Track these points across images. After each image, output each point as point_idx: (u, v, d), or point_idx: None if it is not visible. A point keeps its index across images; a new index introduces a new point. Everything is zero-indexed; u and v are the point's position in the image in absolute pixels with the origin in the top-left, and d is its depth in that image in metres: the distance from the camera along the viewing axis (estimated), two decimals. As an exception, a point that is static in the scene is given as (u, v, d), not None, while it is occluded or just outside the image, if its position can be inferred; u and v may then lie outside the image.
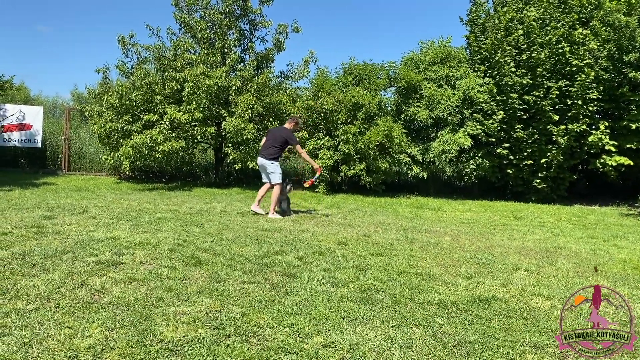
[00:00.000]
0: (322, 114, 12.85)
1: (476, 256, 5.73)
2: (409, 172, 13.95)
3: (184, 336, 2.82)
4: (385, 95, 14.67)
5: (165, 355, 2.57)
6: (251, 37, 13.95)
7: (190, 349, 2.66)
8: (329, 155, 12.38)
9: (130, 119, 12.34)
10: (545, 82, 13.31)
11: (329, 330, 3.10)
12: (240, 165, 12.23)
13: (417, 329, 3.26)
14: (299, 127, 11.10)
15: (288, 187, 8.49)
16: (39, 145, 14.75)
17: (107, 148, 12.81)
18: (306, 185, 8.99)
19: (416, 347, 2.97)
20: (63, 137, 15.01)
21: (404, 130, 13.24)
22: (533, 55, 13.18)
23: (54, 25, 72.31)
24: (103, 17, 75.91)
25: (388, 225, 8.07)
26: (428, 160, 13.70)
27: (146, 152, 11.41)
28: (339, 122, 12.75)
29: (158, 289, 3.70)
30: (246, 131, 11.77)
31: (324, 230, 7.03)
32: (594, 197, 14.99)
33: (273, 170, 8.14)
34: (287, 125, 8.52)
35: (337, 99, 12.70)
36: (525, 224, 9.26)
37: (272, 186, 8.17)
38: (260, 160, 8.28)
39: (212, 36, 13.27)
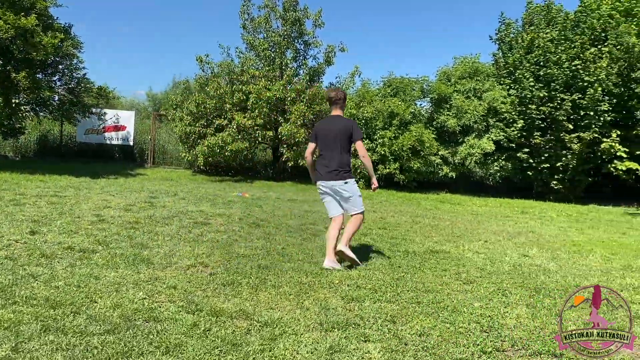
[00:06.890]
0: (363, 121, 15.13)
1: (454, 232, 7.88)
2: (439, 172, 15.98)
3: (248, 254, 5.25)
4: (421, 105, 16.78)
5: (239, 258, 4.98)
6: (305, 54, 16.46)
7: (253, 258, 5.08)
8: (367, 156, 14.64)
9: (205, 123, 15.15)
10: (559, 95, 14.99)
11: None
12: (292, 163, 14.74)
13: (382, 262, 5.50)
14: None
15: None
16: (131, 143, 17.94)
17: (185, 147, 15.69)
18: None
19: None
20: (150, 137, 18.14)
21: (434, 135, 15.29)
22: (548, 71, 14.90)
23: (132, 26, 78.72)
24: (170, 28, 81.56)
25: (405, 212, 10.27)
26: (456, 161, 15.68)
27: (218, 150, 14.15)
28: (377, 127, 14.99)
29: (234, 236, 6.17)
30: (298, 135, 14.26)
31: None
32: (616, 199, 16.31)
33: (352, 193, 5.10)
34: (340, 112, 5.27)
35: (375, 108, 14.94)
36: (526, 217, 11.14)
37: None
38: (328, 183, 5.07)
39: (272, 54, 15.87)
